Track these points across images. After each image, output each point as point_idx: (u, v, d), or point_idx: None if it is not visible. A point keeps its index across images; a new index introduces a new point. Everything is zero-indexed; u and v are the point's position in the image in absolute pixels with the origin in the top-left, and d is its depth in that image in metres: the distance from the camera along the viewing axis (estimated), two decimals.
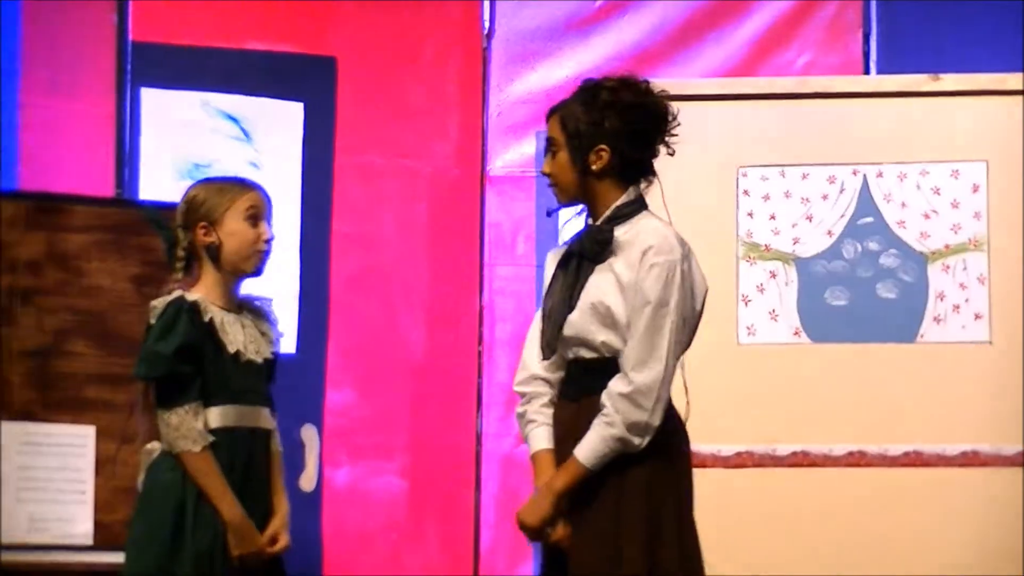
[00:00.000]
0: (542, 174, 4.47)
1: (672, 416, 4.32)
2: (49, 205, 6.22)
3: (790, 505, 5.91)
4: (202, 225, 4.56)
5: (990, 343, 5.95)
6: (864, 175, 6.06)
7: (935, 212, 6.01)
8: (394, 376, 7.22)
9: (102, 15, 6.90)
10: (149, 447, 4.51)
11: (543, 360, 4.43)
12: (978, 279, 5.97)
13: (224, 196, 4.59)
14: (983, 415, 5.92)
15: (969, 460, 5.91)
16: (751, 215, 6.07)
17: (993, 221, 5.99)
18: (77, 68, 6.85)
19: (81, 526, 6.03)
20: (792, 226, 6.08)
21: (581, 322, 4.32)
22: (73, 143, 6.83)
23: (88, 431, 6.04)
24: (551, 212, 4.62)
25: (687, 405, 4.38)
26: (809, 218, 6.07)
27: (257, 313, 4.70)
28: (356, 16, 7.22)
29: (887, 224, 6.04)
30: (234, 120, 7.06)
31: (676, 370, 4.34)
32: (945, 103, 6.05)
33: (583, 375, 4.34)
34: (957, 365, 5.94)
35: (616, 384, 4.24)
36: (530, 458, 4.42)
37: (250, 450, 4.57)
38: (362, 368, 7.17)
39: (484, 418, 7.26)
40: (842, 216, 6.06)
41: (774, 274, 6.04)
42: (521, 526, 4.32)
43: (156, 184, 6.86)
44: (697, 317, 4.38)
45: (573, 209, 4.50)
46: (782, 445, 5.89)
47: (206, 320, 4.51)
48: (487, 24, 7.35)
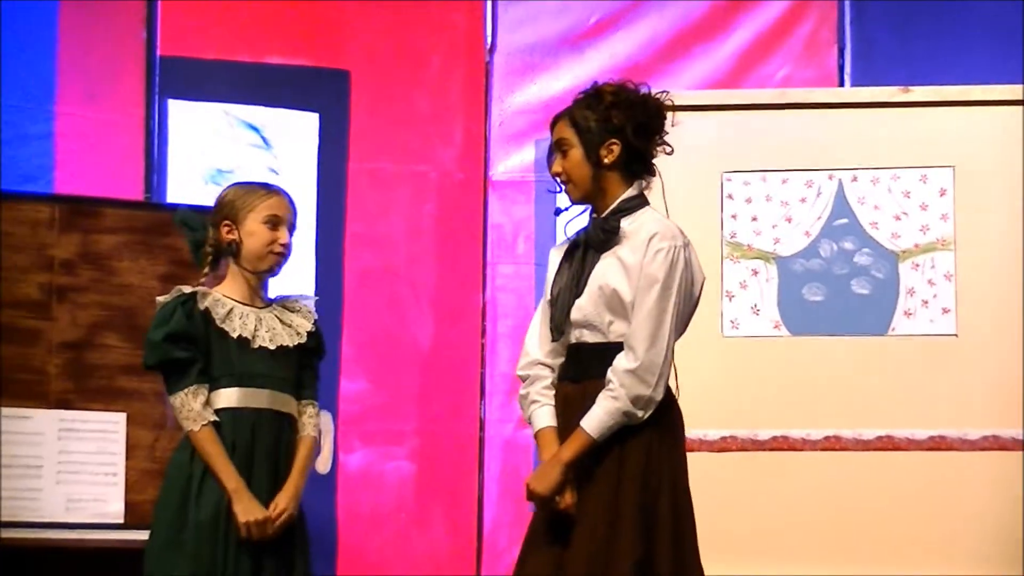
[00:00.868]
0: (553, 175, 4.49)
1: (670, 394, 4.35)
2: (83, 208, 6.20)
3: (771, 485, 5.92)
4: (226, 223, 4.58)
5: (956, 336, 5.96)
6: (839, 180, 6.07)
7: (905, 214, 6.02)
8: (403, 367, 7.24)
9: (132, 31, 6.91)
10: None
11: (549, 343, 4.44)
12: (945, 276, 5.98)
13: (248, 198, 4.60)
14: (950, 402, 5.92)
15: (937, 444, 5.92)
16: (734, 217, 6.08)
17: (959, 222, 5.99)
18: (109, 81, 6.85)
19: (113, 506, 6.03)
20: (772, 227, 6.09)
21: (589, 305, 4.35)
22: (105, 150, 6.83)
23: (120, 418, 6.03)
24: (559, 212, 4.63)
25: (676, 389, 4.39)
26: (788, 220, 6.08)
27: (290, 308, 4.69)
28: (368, 32, 7.24)
29: (861, 225, 6.05)
30: (254, 129, 7.07)
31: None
32: (914, 113, 6.05)
33: (586, 358, 4.36)
34: (926, 356, 5.95)
35: (622, 360, 4.26)
36: (534, 435, 4.44)
37: (253, 434, 4.54)
38: (373, 359, 7.19)
39: (487, 406, 7.28)
40: (819, 218, 6.07)
41: (756, 272, 6.05)
42: (531, 494, 4.32)
43: (182, 188, 6.87)
44: (694, 304, 4.41)
45: (574, 211, 4.52)
46: (764, 430, 5.90)
47: (202, 308, 4.51)
48: (489, 40, 7.38)
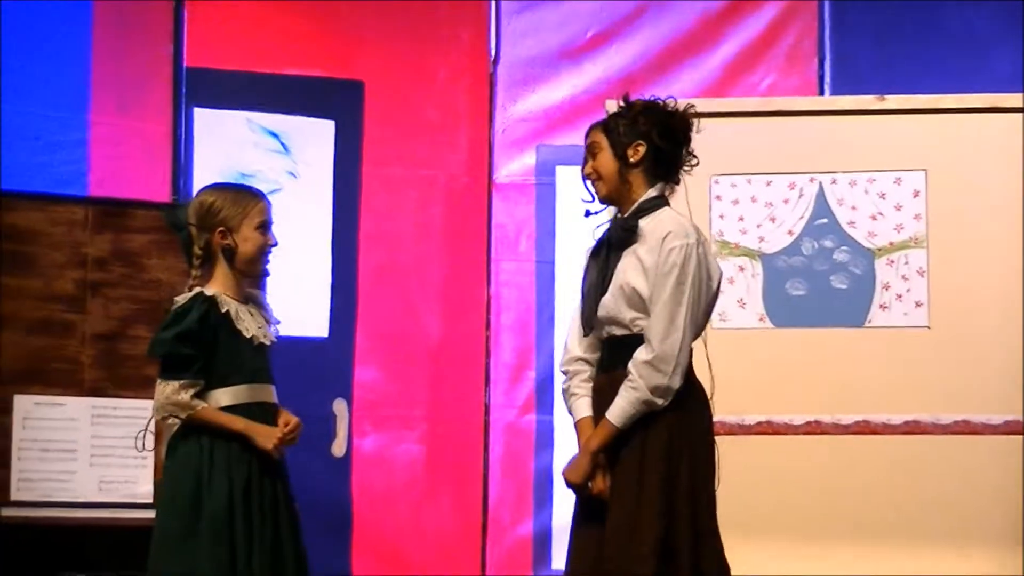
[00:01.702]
0: (584, 176, 4.54)
1: (691, 382, 4.39)
2: (114, 209, 6.21)
3: (756, 467, 5.92)
4: (220, 230, 4.52)
5: (929, 328, 5.97)
6: (820, 182, 6.08)
7: (881, 214, 6.04)
8: (413, 357, 7.26)
9: (160, 45, 6.91)
10: (171, 421, 4.47)
11: (585, 339, 4.51)
12: (918, 272, 5.99)
13: (240, 206, 4.53)
14: (923, 390, 5.94)
15: (911, 428, 5.94)
16: (722, 217, 6.09)
17: (931, 222, 6.01)
18: (139, 91, 6.86)
19: (143, 487, 6.04)
20: (758, 226, 6.10)
21: (612, 303, 4.40)
22: (135, 156, 6.84)
23: (149, 404, 6.00)
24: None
25: (711, 380, 4.44)
26: (772, 219, 6.10)
27: (258, 303, 4.67)
28: (380, 46, 7.25)
29: (840, 224, 6.06)
30: (275, 136, 7.08)
31: (698, 343, 4.42)
32: (889, 120, 6.06)
33: (615, 350, 4.41)
34: (900, 346, 5.96)
35: (640, 353, 4.31)
36: (574, 425, 4.51)
37: (262, 420, 4.52)
38: (386, 349, 7.20)
39: (491, 392, 7.30)
40: (801, 218, 6.09)
41: (742, 268, 6.06)
42: (567, 483, 4.43)
43: None
44: (713, 296, 4.45)
45: (575, 215, 4.56)
46: (750, 415, 5.91)
47: (223, 311, 4.49)
48: (493, 53, 7.39)
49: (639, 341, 4.33)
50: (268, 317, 4.66)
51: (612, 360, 4.42)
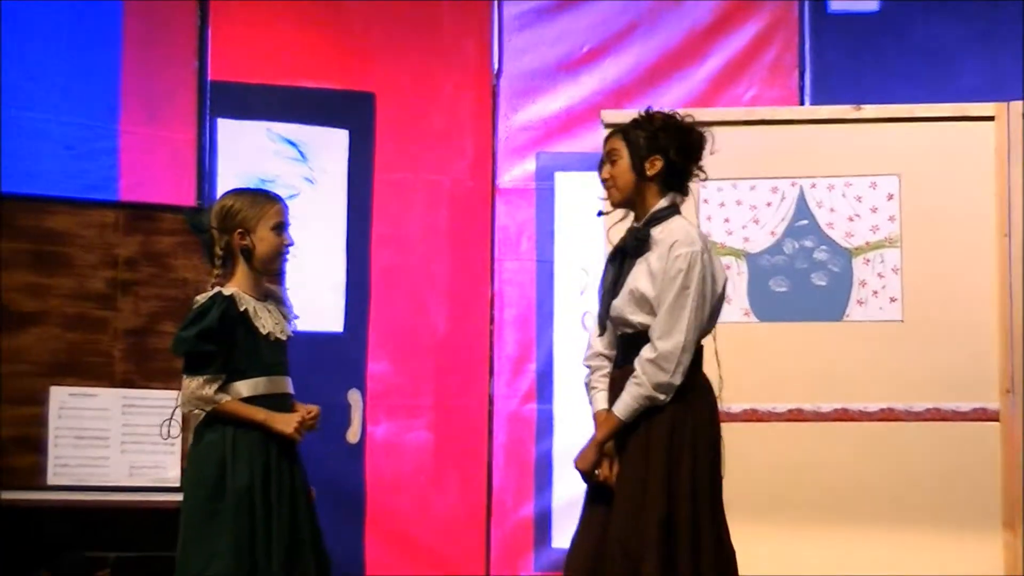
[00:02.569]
0: (601, 179, 4.56)
1: (695, 379, 4.43)
2: (143, 213, 6.24)
3: (741, 453, 5.90)
4: (239, 231, 4.54)
5: (902, 321, 5.96)
6: (800, 186, 6.07)
7: (858, 216, 6.03)
8: (422, 350, 7.27)
9: (186, 60, 6.92)
10: (197, 411, 4.51)
11: (601, 338, 4.55)
12: (893, 270, 5.99)
13: (256, 208, 4.55)
14: (897, 380, 5.93)
15: (886, 416, 5.93)
16: (709, 219, 6.09)
17: (905, 223, 6.00)
18: (166, 103, 6.87)
19: (171, 472, 6.06)
20: (743, 228, 6.09)
21: (621, 305, 4.45)
22: (163, 163, 6.84)
23: (175, 395, 6.02)
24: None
25: (720, 378, 4.49)
26: (756, 221, 6.09)
27: (278, 300, 4.70)
28: (391, 60, 7.25)
29: (819, 226, 6.05)
30: (292, 144, 7.08)
31: (704, 343, 4.44)
32: (865, 128, 6.04)
33: (627, 347, 4.46)
34: (876, 339, 5.95)
35: (645, 351, 4.37)
36: (592, 416, 4.54)
37: (278, 411, 4.55)
38: (396, 343, 7.21)
39: (495, 383, 7.30)
40: (783, 219, 6.08)
41: (728, 267, 6.03)
42: (576, 470, 4.47)
43: None
44: (718, 300, 4.49)
45: (572, 217, 4.59)
46: (735, 404, 5.87)
47: (241, 310, 4.50)
48: (496, 66, 7.39)
49: (648, 339, 4.39)
50: (287, 313, 4.68)
51: (625, 356, 4.47)
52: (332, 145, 7.15)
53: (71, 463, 5.98)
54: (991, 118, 5.93)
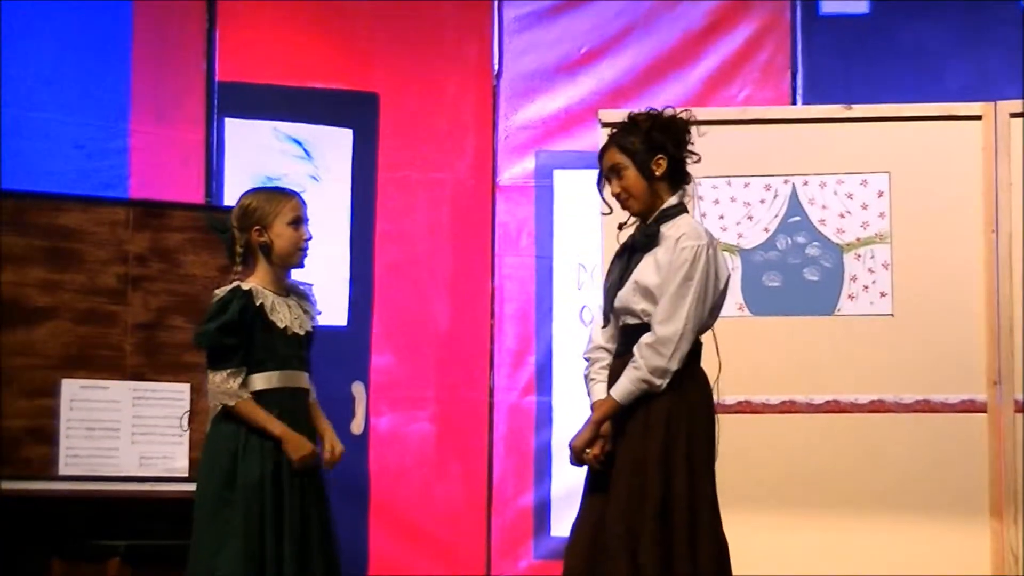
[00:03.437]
0: (613, 195, 4.51)
1: (692, 370, 4.42)
2: (153, 210, 6.22)
3: (735, 444, 5.90)
4: (256, 228, 4.57)
5: (892, 315, 5.95)
6: (793, 184, 6.06)
7: (849, 212, 6.02)
8: (424, 343, 7.28)
9: (194, 61, 6.94)
10: (214, 404, 4.52)
11: (603, 331, 4.53)
12: (883, 265, 5.98)
13: (272, 204, 4.59)
14: (887, 372, 5.91)
15: (876, 407, 5.92)
16: (704, 216, 6.07)
17: (895, 220, 5.98)
18: (175, 103, 6.88)
19: (180, 462, 6.05)
20: (736, 224, 6.08)
21: (626, 295, 4.43)
22: (172, 161, 6.86)
23: (185, 388, 6.05)
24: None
25: (719, 366, 4.47)
26: (750, 218, 6.08)
27: (301, 295, 4.71)
28: (394, 61, 7.26)
29: (811, 222, 6.04)
30: (298, 143, 7.09)
31: (703, 339, 4.43)
32: (856, 127, 6.02)
33: (628, 337, 4.43)
34: (866, 333, 5.93)
35: (644, 336, 4.35)
36: (591, 406, 4.52)
37: (292, 405, 4.57)
38: (399, 337, 7.22)
39: (495, 376, 7.30)
40: (776, 216, 6.07)
41: None
42: (570, 448, 4.44)
43: (237, 194, 6.84)
44: (721, 294, 4.47)
45: (570, 218, 4.58)
46: (729, 396, 5.86)
47: (258, 304, 4.52)
48: (497, 67, 7.40)
49: (647, 330, 4.38)
50: (310, 308, 4.69)
51: (626, 346, 4.44)
52: (337, 144, 7.17)
53: (82, 454, 5.97)
54: (978, 117, 5.91)
